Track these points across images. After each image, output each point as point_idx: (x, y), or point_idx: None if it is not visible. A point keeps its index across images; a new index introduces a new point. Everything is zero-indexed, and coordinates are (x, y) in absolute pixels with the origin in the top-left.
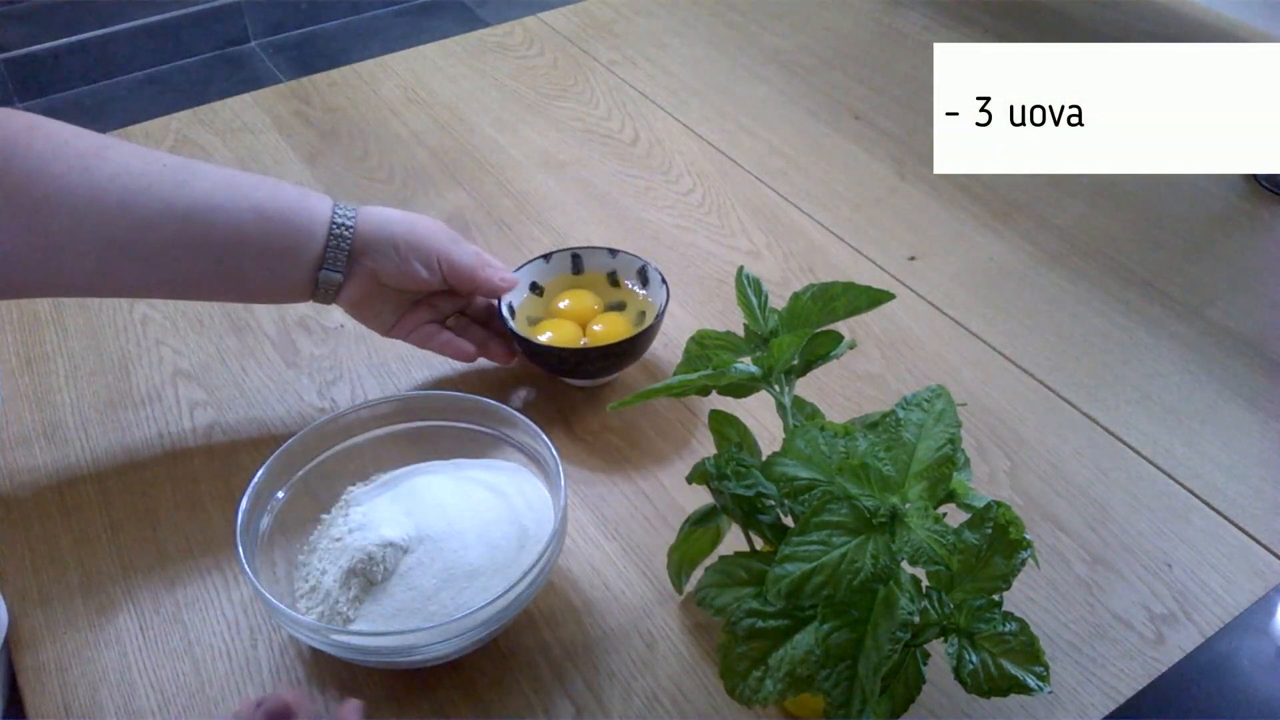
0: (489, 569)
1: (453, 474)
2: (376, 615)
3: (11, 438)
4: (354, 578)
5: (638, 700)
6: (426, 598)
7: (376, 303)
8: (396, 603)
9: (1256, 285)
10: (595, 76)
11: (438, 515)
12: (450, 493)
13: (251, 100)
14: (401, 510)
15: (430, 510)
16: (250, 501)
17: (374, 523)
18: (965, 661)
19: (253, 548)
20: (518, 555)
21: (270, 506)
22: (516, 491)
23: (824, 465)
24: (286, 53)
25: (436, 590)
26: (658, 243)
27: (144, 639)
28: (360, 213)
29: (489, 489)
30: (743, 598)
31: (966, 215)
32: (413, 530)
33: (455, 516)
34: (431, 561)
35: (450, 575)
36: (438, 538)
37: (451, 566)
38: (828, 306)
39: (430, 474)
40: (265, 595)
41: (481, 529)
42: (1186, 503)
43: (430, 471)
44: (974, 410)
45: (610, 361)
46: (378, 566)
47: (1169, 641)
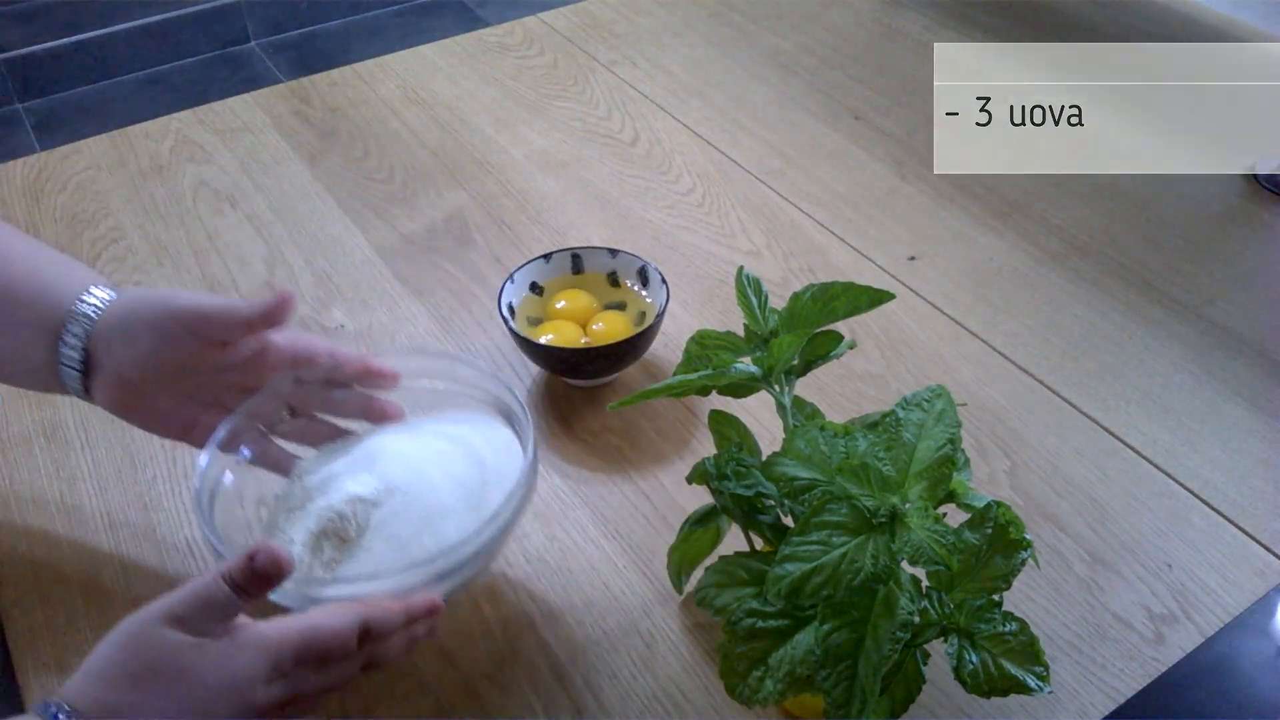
0: (462, 506)
1: (407, 431)
2: (358, 575)
3: (11, 438)
4: (325, 540)
5: (638, 700)
6: (407, 545)
7: (147, 401)
8: (377, 558)
9: (1256, 285)
10: (595, 76)
11: (401, 466)
12: (408, 445)
13: (251, 100)
14: (361, 469)
15: (392, 462)
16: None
17: (336, 483)
18: (965, 661)
19: (214, 519)
20: (486, 489)
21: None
22: (475, 435)
23: (824, 465)
24: (286, 53)
25: (416, 536)
26: (658, 243)
27: None
28: (114, 299)
29: (446, 439)
30: (743, 598)
31: (966, 215)
32: (379, 484)
33: (418, 464)
34: (405, 510)
35: (427, 519)
36: (406, 486)
37: (426, 511)
38: (828, 306)
39: (383, 434)
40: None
41: (445, 471)
42: (1186, 503)
43: (383, 433)
44: (974, 410)
45: (610, 361)
46: (349, 523)
47: (1169, 641)
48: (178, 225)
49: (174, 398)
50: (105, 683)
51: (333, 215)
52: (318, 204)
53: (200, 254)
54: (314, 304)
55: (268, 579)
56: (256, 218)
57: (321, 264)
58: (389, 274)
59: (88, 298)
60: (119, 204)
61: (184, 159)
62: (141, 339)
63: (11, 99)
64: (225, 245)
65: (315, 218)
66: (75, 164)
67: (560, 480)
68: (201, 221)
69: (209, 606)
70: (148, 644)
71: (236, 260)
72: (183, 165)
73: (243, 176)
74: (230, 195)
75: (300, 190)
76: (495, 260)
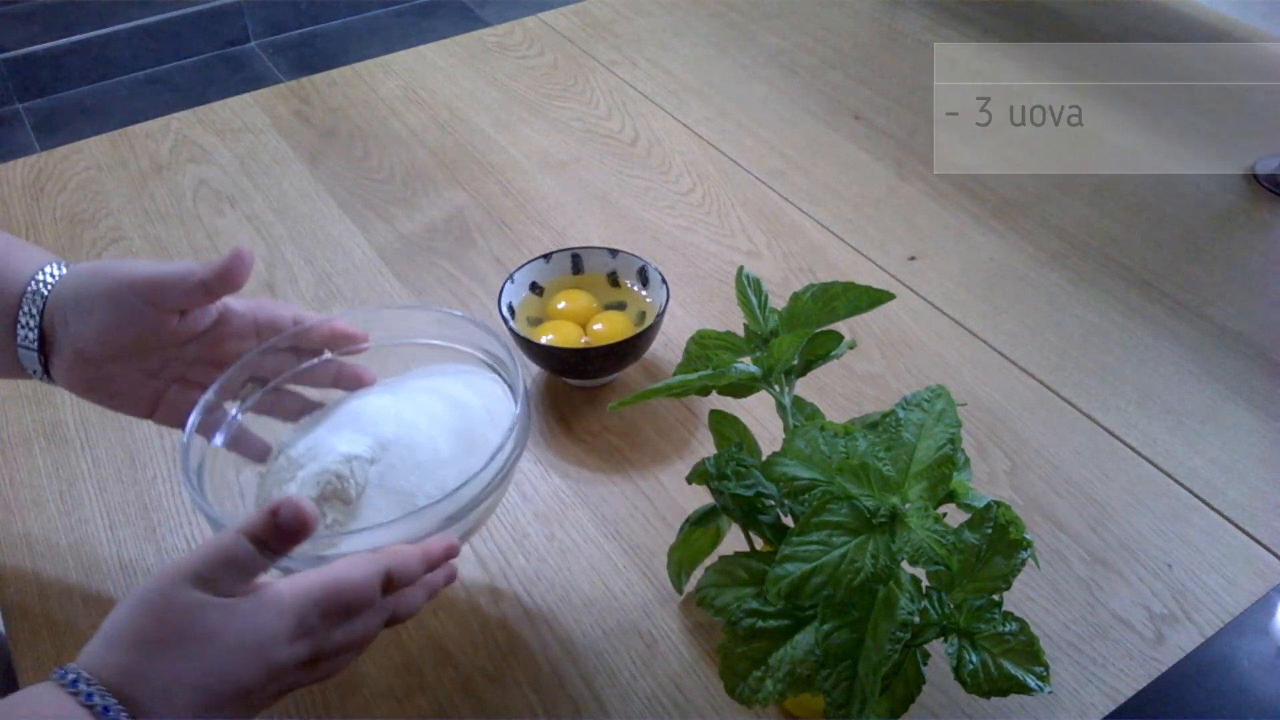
0: (459, 452)
1: (386, 389)
2: (365, 535)
3: (12, 438)
4: (325, 503)
5: (638, 700)
6: (411, 497)
7: (109, 377)
8: (380, 514)
9: (1256, 285)
10: (595, 76)
11: (389, 421)
12: (390, 402)
13: (251, 100)
14: (348, 430)
15: (379, 419)
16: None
17: (325, 447)
18: (965, 661)
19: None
20: (478, 433)
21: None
22: (455, 385)
23: (824, 465)
24: (286, 53)
25: (419, 485)
26: (658, 243)
27: None
28: (66, 274)
29: (428, 391)
30: (743, 598)
31: (966, 215)
32: (371, 441)
33: (406, 416)
34: (402, 462)
35: (426, 469)
36: (399, 439)
37: (424, 461)
38: (828, 306)
39: (361, 396)
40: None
41: (436, 421)
42: (1186, 503)
43: (360, 395)
44: (974, 410)
45: (610, 361)
46: (349, 483)
47: (1169, 641)
48: (178, 225)
49: (137, 373)
50: (128, 647)
51: (333, 215)
52: (318, 204)
53: (200, 254)
54: (314, 304)
55: (293, 534)
56: (256, 218)
57: (321, 264)
58: (389, 274)
59: (40, 276)
60: (119, 204)
61: (184, 159)
62: (97, 311)
63: (11, 99)
64: (225, 245)
65: (315, 218)
66: (75, 164)
67: (560, 480)
68: (201, 221)
69: (232, 565)
70: (173, 606)
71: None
72: (183, 165)
73: (243, 176)
74: (230, 195)
75: (300, 190)
76: (495, 260)
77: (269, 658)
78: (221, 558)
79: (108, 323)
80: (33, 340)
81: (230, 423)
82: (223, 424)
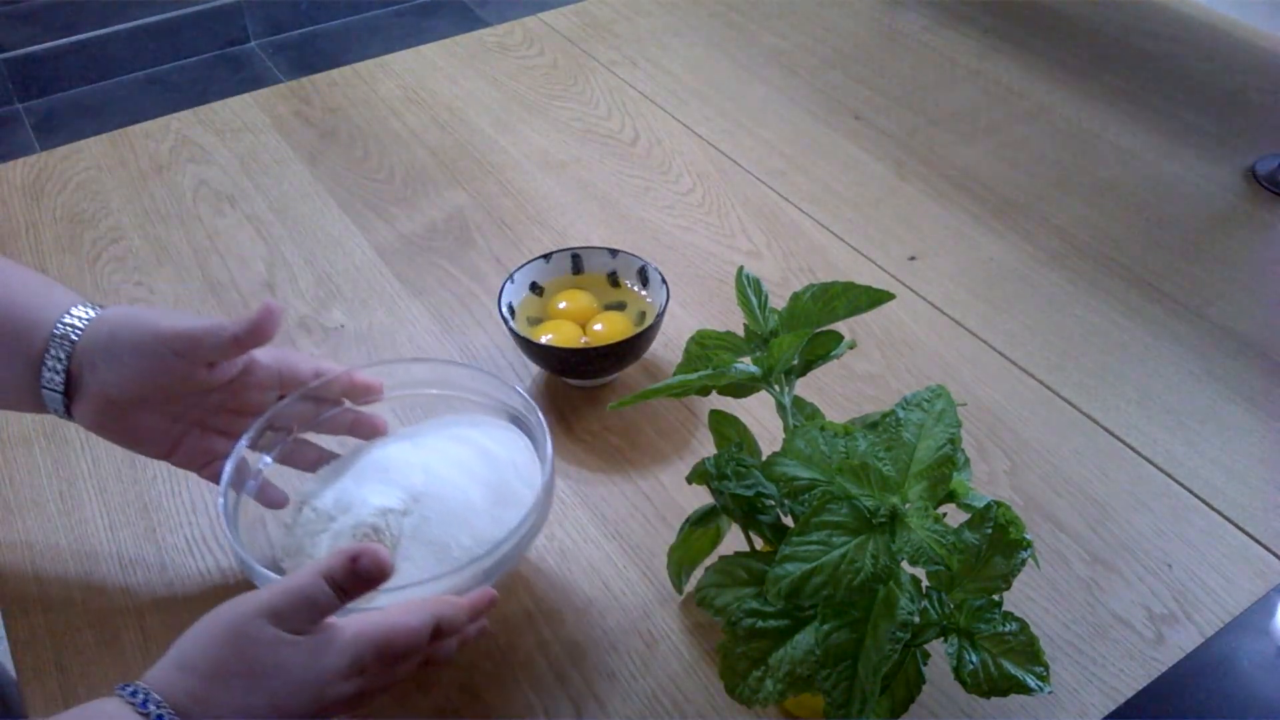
0: (489, 502)
1: (407, 439)
2: (408, 582)
3: (11, 437)
4: None
5: (638, 700)
6: (446, 547)
7: (131, 421)
8: (416, 565)
9: (1256, 285)
10: (595, 76)
11: (418, 473)
12: (414, 453)
13: (251, 100)
14: (375, 481)
15: (407, 471)
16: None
17: (356, 499)
18: (965, 661)
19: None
20: (506, 481)
21: (253, 484)
22: (476, 433)
23: (824, 465)
24: (286, 53)
25: (453, 536)
26: (658, 243)
27: (143, 638)
28: (95, 319)
29: (451, 440)
30: (743, 598)
31: (966, 215)
32: (401, 493)
33: (434, 467)
34: (434, 513)
35: (459, 519)
36: (429, 491)
37: (457, 510)
38: (828, 306)
39: (382, 446)
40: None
41: (462, 471)
42: (1186, 503)
43: (380, 445)
44: (974, 410)
45: (610, 361)
46: (386, 535)
47: (1169, 641)
48: (178, 225)
49: (158, 417)
50: (202, 676)
51: (333, 215)
52: (318, 204)
53: (200, 254)
54: (314, 304)
55: (369, 580)
56: (256, 218)
57: (321, 264)
58: (389, 274)
59: (68, 319)
60: (119, 204)
61: (184, 159)
62: (127, 361)
63: (11, 99)
64: (225, 245)
65: (315, 218)
66: (75, 164)
67: (560, 480)
68: (201, 221)
69: (308, 605)
70: (251, 641)
71: (236, 260)
72: (183, 165)
73: (243, 176)
74: (230, 195)
75: (300, 190)
76: (495, 260)
77: (324, 694)
78: (301, 598)
79: (138, 371)
80: (59, 384)
81: (257, 473)
82: (250, 475)
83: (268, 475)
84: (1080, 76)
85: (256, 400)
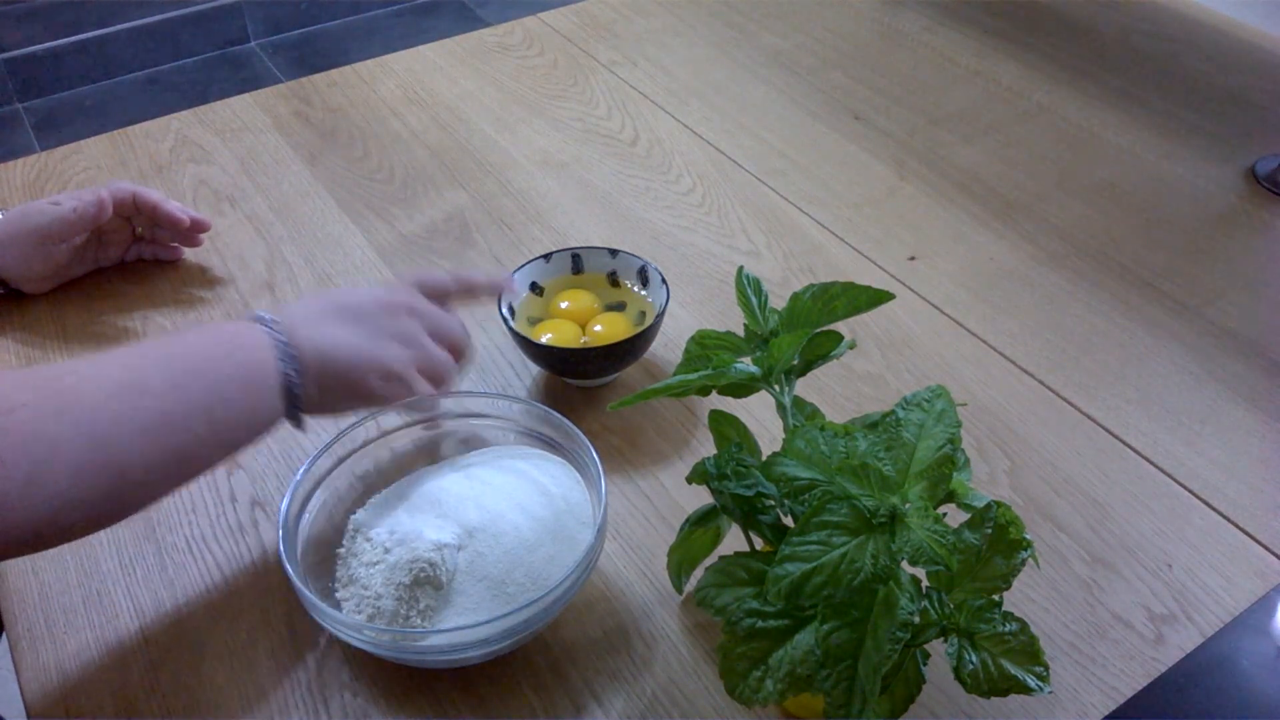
0: (544, 537)
1: (458, 470)
2: (456, 619)
3: None
4: (419, 589)
5: (637, 700)
6: (501, 583)
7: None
8: (471, 600)
9: (1256, 285)
10: (595, 76)
11: (472, 508)
12: (467, 486)
13: (251, 100)
14: (431, 515)
15: (461, 505)
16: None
17: (412, 533)
18: (965, 661)
19: (298, 563)
20: (560, 516)
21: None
22: (527, 467)
23: (824, 465)
24: (286, 53)
25: (508, 572)
26: (658, 243)
27: (143, 638)
28: None
29: (499, 470)
30: (743, 598)
31: (966, 215)
32: (456, 527)
33: (488, 503)
34: (490, 549)
35: (515, 556)
36: (484, 526)
37: (512, 547)
38: (828, 306)
39: (433, 478)
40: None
41: (515, 505)
42: (1186, 503)
43: (431, 476)
44: (974, 410)
45: (610, 361)
46: (441, 570)
47: (1169, 641)
48: None
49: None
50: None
51: (333, 215)
52: (318, 204)
53: (200, 254)
54: None
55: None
56: (256, 218)
57: (321, 264)
58: (389, 274)
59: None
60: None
61: (184, 159)
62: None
63: (11, 99)
64: (225, 245)
65: (315, 218)
66: (75, 164)
67: None
68: None
69: (429, 283)
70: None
71: (236, 260)
72: (183, 165)
73: (243, 176)
74: (230, 195)
75: (300, 190)
76: (495, 260)
77: (379, 296)
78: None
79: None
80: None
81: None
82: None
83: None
84: (1080, 76)
85: (117, 228)
